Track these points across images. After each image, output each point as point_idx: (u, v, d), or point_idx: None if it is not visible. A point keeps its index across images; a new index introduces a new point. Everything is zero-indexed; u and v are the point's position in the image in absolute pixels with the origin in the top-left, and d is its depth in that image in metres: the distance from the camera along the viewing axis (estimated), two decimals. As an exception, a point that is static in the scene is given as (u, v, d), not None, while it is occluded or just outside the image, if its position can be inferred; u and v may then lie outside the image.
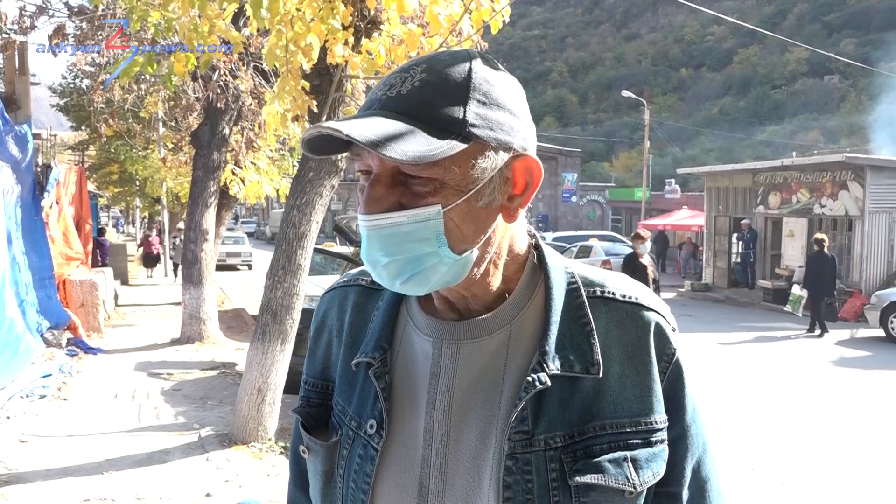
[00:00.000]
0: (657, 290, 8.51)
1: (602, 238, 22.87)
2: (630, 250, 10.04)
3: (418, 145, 0.75)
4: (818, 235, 13.03)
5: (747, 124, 61.35)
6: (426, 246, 0.79)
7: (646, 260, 8.72)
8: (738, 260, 18.96)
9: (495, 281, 0.88)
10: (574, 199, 37.27)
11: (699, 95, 73.96)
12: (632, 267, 8.57)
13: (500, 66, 0.86)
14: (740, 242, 18.58)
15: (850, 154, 16.69)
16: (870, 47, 62.38)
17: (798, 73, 69.82)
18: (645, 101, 32.20)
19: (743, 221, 18.02)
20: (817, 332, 12.14)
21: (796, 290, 13.10)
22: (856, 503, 4.81)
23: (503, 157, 0.82)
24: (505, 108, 0.83)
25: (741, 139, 56.40)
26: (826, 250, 12.50)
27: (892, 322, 11.71)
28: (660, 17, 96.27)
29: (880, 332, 11.93)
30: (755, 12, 77.33)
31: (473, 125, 0.79)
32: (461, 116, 0.79)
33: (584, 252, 19.73)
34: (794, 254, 16.95)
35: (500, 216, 0.85)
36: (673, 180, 32.60)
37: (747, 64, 75.12)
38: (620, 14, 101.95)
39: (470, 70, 0.81)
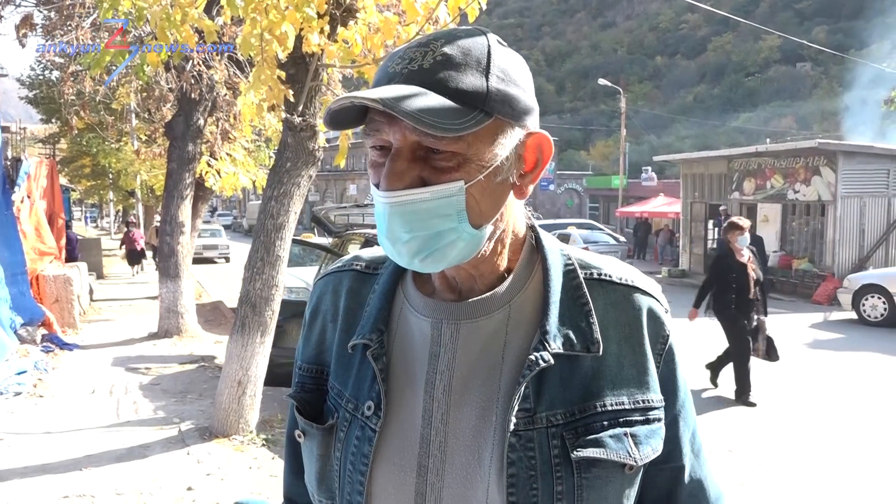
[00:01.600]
0: (762, 293, 6.84)
1: (580, 226, 23.02)
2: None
3: (451, 117, 0.76)
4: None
5: (722, 111, 61.96)
6: (447, 222, 0.80)
7: (745, 256, 6.73)
8: (715, 246, 19.18)
9: (502, 260, 0.90)
10: (552, 187, 37.44)
11: (674, 83, 74.49)
12: (726, 268, 6.72)
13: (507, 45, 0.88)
14: (717, 228, 18.79)
15: (822, 140, 16.96)
16: (841, 35, 63.26)
17: (771, 60, 70.59)
18: (621, 90, 32.36)
19: (721, 208, 18.23)
20: None
21: None
22: (831, 482, 4.91)
23: (519, 133, 0.84)
24: (519, 86, 0.84)
25: (716, 126, 56.94)
26: (754, 233, 14.11)
27: (863, 305, 11.94)
28: (635, 6, 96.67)
29: (853, 315, 12.16)
30: (728, 0, 77.91)
31: (495, 100, 0.80)
32: (484, 92, 0.80)
33: (563, 240, 19.38)
34: (768, 239, 17.18)
35: (511, 193, 0.87)
36: (649, 168, 32.86)
37: (721, 51, 75.77)
38: (596, 2, 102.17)
39: (488, 47, 0.83)
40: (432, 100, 0.77)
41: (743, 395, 6.77)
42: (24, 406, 6.19)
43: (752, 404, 6.69)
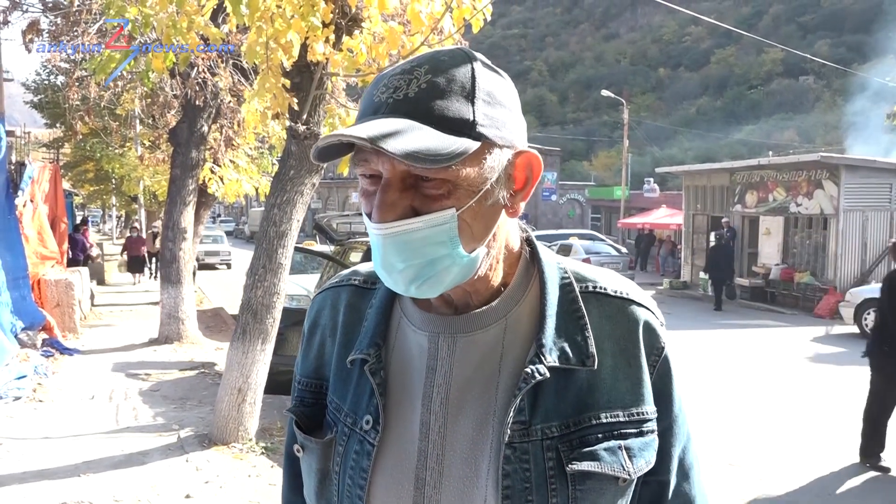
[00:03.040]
0: None
1: (582, 237, 22.99)
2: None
3: (438, 148, 0.76)
4: (718, 232, 17.31)
5: (724, 124, 61.99)
6: (441, 249, 0.80)
7: None
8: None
9: (496, 276, 0.90)
10: (554, 197, 37.42)
11: (677, 95, 74.61)
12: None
13: (491, 64, 0.87)
14: (720, 240, 18.77)
15: (825, 153, 16.94)
16: (843, 48, 63.43)
17: (774, 73, 70.73)
18: (624, 101, 32.44)
19: (723, 220, 18.22)
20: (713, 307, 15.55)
21: (702, 274, 17.18)
22: (832, 496, 4.88)
23: (507, 154, 0.84)
24: (505, 106, 0.84)
25: (718, 138, 56.97)
26: (723, 242, 16.52)
27: (866, 319, 11.89)
28: (638, 17, 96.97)
29: (855, 329, 12.12)
30: (732, 13, 78.14)
31: (482, 125, 0.80)
32: (471, 117, 0.80)
33: (565, 251, 19.79)
34: (770, 252, 17.16)
35: (503, 212, 0.87)
36: (651, 179, 32.87)
37: (724, 64, 75.90)
38: (599, 14, 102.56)
39: (473, 70, 0.82)
40: (419, 132, 0.76)
41: (872, 454, 5.34)
42: (24, 411, 6.18)
43: (885, 469, 5.25)
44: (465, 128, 0.79)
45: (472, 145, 0.78)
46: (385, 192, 0.80)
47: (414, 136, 0.76)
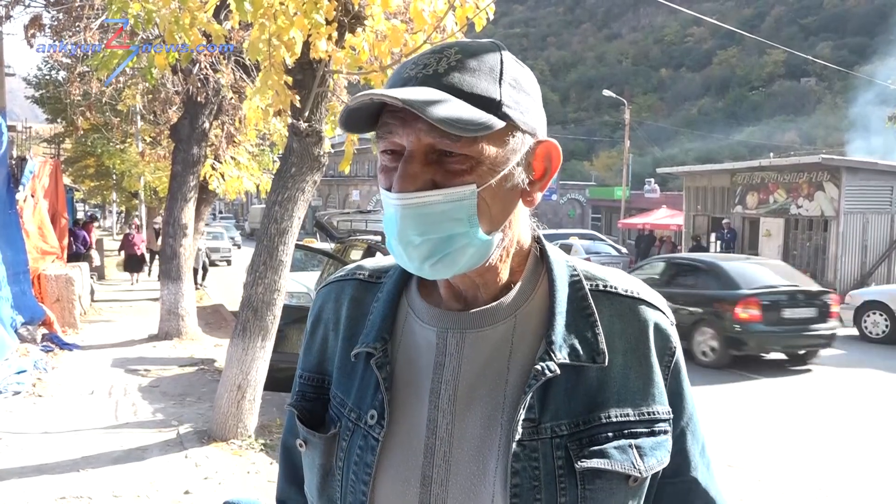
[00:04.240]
0: None
1: (582, 237, 22.99)
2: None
3: (466, 117, 0.77)
4: (695, 234, 19.04)
5: (726, 125, 61.99)
6: (459, 226, 0.81)
7: None
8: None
9: (505, 269, 0.89)
10: (554, 197, 37.41)
11: (679, 96, 74.65)
12: None
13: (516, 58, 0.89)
14: (720, 242, 18.81)
15: (826, 155, 16.96)
16: (846, 50, 63.45)
17: (775, 74, 70.78)
18: (625, 101, 32.44)
19: (724, 221, 18.24)
20: None
21: None
22: (831, 498, 4.89)
23: (529, 140, 0.86)
24: (529, 95, 0.86)
25: (719, 139, 56.97)
26: (702, 243, 17.97)
27: (865, 321, 11.90)
28: (640, 18, 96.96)
29: (854, 331, 12.10)
30: (734, 14, 78.11)
31: (508, 106, 0.82)
32: (498, 97, 0.81)
33: (565, 251, 19.44)
34: (770, 253, 17.16)
35: (520, 201, 0.87)
36: (652, 180, 32.91)
37: (726, 65, 75.96)
38: (602, 14, 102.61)
39: (501, 56, 0.85)
40: (449, 102, 0.77)
41: None
42: (23, 405, 6.18)
43: None
44: (491, 106, 0.80)
45: (498, 122, 0.80)
46: (408, 164, 0.80)
47: (443, 103, 0.77)
